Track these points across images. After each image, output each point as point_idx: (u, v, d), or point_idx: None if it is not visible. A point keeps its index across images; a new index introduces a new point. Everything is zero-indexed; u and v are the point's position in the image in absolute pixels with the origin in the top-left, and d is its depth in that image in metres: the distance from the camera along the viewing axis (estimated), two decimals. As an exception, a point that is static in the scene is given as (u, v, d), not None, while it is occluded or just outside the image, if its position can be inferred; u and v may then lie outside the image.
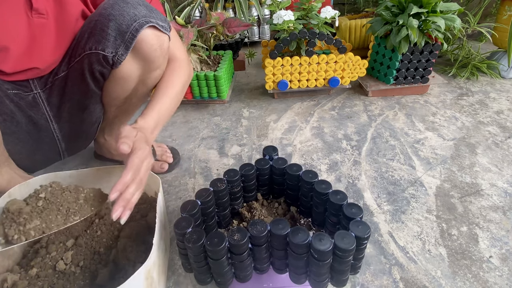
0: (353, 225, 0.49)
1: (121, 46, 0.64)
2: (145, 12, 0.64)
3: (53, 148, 0.80)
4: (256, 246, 0.50)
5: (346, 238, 0.47)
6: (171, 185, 0.91)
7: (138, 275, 0.47)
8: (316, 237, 0.47)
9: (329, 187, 0.58)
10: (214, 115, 1.24)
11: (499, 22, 1.42)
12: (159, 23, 0.65)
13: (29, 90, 0.70)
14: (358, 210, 0.52)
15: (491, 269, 0.65)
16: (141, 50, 0.67)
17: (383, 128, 1.11)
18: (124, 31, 0.63)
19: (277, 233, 0.49)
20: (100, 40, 0.64)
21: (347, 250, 0.46)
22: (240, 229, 0.50)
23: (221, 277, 0.53)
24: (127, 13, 0.63)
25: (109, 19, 0.62)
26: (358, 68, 1.26)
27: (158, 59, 0.70)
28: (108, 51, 0.64)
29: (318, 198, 0.58)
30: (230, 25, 1.20)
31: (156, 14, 0.66)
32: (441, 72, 1.49)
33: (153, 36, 0.66)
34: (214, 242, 0.49)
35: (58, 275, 0.61)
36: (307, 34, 1.14)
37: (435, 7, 1.09)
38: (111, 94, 0.75)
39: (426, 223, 0.75)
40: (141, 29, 0.63)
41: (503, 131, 1.07)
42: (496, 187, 0.85)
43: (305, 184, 0.61)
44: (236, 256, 0.50)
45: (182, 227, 0.51)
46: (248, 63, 1.72)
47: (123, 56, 0.66)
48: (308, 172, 0.61)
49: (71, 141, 0.82)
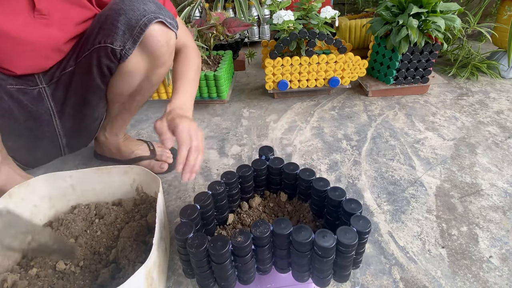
0: (354, 220, 0.50)
1: (129, 40, 0.66)
2: (155, 8, 0.66)
3: (54, 143, 0.80)
4: (259, 247, 0.50)
5: (349, 234, 0.48)
6: (171, 185, 0.91)
7: (138, 275, 0.47)
8: (319, 234, 0.48)
9: (327, 184, 0.58)
10: (214, 115, 1.24)
11: (499, 22, 1.42)
12: (167, 20, 0.67)
13: (34, 84, 0.70)
14: (357, 205, 0.53)
15: (491, 269, 0.65)
16: (148, 45, 0.68)
17: (383, 128, 1.11)
18: (133, 25, 0.64)
19: (280, 233, 0.49)
20: (109, 34, 0.65)
21: (350, 245, 0.47)
22: (242, 231, 0.50)
23: (225, 281, 0.52)
24: (137, 8, 0.64)
25: (120, 13, 0.64)
26: (358, 68, 1.26)
27: (164, 55, 0.71)
28: (116, 44, 0.66)
29: (316, 195, 0.58)
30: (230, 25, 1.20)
31: (165, 11, 0.68)
32: (441, 72, 1.49)
33: (160, 32, 0.68)
34: (218, 246, 0.48)
35: (58, 275, 0.61)
36: (307, 34, 1.14)
37: (435, 7, 1.09)
38: (116, 89, 0.76)
39: (426, 223, 0.75)
40: (150, 24, 0.65)
41: (503, 131, 1.07)
42: (496, 187, 0.84)
43: (303, 182, 0.61)
44: (240, 259, 0.50)
45: (183, 233, 0.51)
46: (248, 63, 1.72)
47: (130, 50, 0.67)
48: (306, 170, 0.62)
49: (72, 137, 0.83)
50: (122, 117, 0.86)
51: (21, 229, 0.44)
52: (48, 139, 0.78)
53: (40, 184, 0.68)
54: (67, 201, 0.73)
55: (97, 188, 0.74)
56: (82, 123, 0.81)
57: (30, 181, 0.66)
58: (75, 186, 0.72)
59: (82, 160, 1.02)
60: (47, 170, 0.79)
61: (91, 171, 0.72)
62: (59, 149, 0.82)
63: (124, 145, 0.93)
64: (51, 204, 0.71)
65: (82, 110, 0.78)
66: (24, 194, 0.66)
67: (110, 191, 0.75)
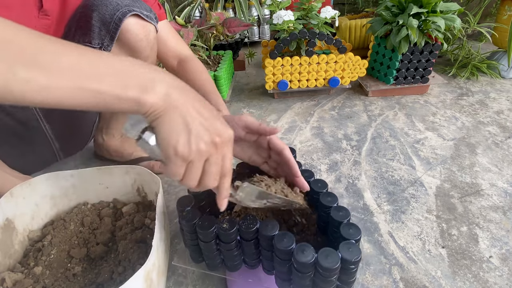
0: (343, 247, 0.46)
1: (107, 37, 0.63)
2: (128, 1, 0.63)
3: (47, 149, 0.79)
4: (244, 240, 0.51)
5: (331, 257, 0.44)
6: (171, 185, 0.91)
7: (137, 277, 0.47)
8: (299, 247, 0.45)
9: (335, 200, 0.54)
10: (214, 115, 1.24)
11: (499, 22, 1.42)
12: (143, 12, 0.64)
13: None
14: (355, 231, 0.48)
15: (491, 269, 0.65)
16: (126, 41, 0.65)
17: (383, 128, 1.11)
18: (108, 21, 0.62)
19: (264, 233, 0.48)
20: (86, 32, 0.63)
21: (329, 269, 0.43)
22: (230, 220, 0.51)
23: (210, 260, 0.55)
24: (110, 2, 0.62)
25: (92, 9, 0.62)
26: (358, 68, 1.26)
27: (145, 49, 0.68)
28: (94, 42, 0.63)
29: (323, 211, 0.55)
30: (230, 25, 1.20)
31: (140, 3, 0.65)
32: (441, 72, 1.49)
33: (137, 26, 0.65)
34: (204, 225, 0.50)
35: (58, 274, 0.61)
36: (307, 34, 1.15)
37: (435, 7, 1.09)
38: None
39: (426, 223, 0.75)
40: (124, 18, 0.62)
41: (503, 131, 1.07)
42: (496, 187, 0.85)
43: (313, 194, 0.57)
44: (224, 244, 0.51)
45: (183, 204, 0.54)
46: (248, 63, 1.72)
47: (109, 47, 0.64)
48: (318, 181, 0.59)
49: (65, 141, 0.81)
50: (117, 118, 0.85)
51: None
52: (40, 144, 0.77)
53: (42, 183, 0.69)
54: (68, 200, 0.73)
55: (98, 187, 0.74)
56: (73, 127, 0.79)
57: (31, 180, 0.66)
58: (76, 186, 0.72)
59: (82, 160, 1.02)
60: (47, 170, 0.79)
61: (92, 170, 0.72)
62: (53, 154, 0.81)
63: (122, 146, 0.92)
64: (53, 203, 0.71)
65: (70, 113, 0.76)
66: (26, 193, 0.66)
67: (111, 190, 0.75)
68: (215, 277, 0.65)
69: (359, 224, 0.75)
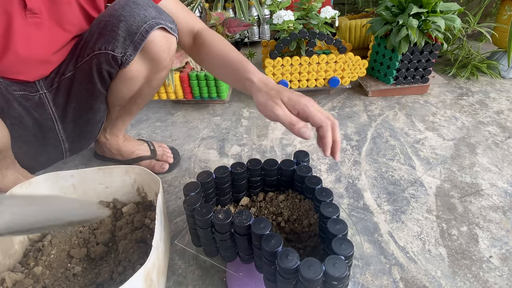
0: (328, 262, 0.44)
1: (130, 47, 0.65)
2: (155, 13, 0.65)
3: (57, 149, 0.81)
4: (237, 234, 0.51)
5: (313, 267, 0.43)
6: (171, 185, 0.91)
7: (137, 277, 0.47)
8: (284, 252, 0.45)
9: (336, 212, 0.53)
10: (214, 115, 1.24)
11: (499, 22, 1.42)
12: (168, 25, 0.66)
13: (35, 90, 0.70)
14: (347, 247, 0.46)
15: (491, 269, 0.65)
16: (150, 51, 0.68)
17: (383, 128, 1.11)
18: (134, 32, 0.64)
19: (255, 231, 0.48)
20: (110, 41, 0.65)
21: (310, 280, 0.42)
22: (226, 212, 0.52)
23: (207, 246, 0.57)
24: (138, 14, 0.64)
25: (120, 20, 0.63)
26: (358, 68, 1.26)
27: (165, 60, 0.71)
28: (117, 51, 0.65)
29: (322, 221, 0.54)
30: (230, 25, 1.20)
31: (165, 16, 0.67)
32: (441, 72, 1.49)
33: (162, 38, 0.67)
34: (202, 212, 0.52)
35: (58, 274, 0.61)
36: (307, 34, 1.15)
37: (435, 7, 1.09)
38: (117, 93, 0.76)
39: (426, 223, 0.75)
40: (151, 31, 0.64)
41: (503, 131, 1.07)
42: (496, 187, 0.85)
43: (318, 202, 0.57)
44: (218, 234, 0.52)
45: (188, 190, 0.58)
46: (248, 63, 1.72)
47: (131, 56, 0.67)
48: (323, 190, 0.58)
49: (75, 141, 0.83)
50: (123, 119, 0.86)
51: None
52: (52, 144, 0.78)
53: (42, 183, 0.69)
54: (67, 201, 0.73)
55: (98, 187, 0.74)
56: (84, 127, 0.81)
57: (31, 180, 0.66)
58: (76, 186, 0.72)
59: (82, 160, 1.02)
60: (47, 170, 0.79)
61: (92, 170, 0.72)
62: (61, 153, 0.83)
63: (124, 145, 0.93)
64: (52, 204, 0.71)
65: (84, 114, 0.78)
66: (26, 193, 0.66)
67: (111, 191, 0.75)
68: (215, 277, 0.65)
69: (359, 224, 0.75)
